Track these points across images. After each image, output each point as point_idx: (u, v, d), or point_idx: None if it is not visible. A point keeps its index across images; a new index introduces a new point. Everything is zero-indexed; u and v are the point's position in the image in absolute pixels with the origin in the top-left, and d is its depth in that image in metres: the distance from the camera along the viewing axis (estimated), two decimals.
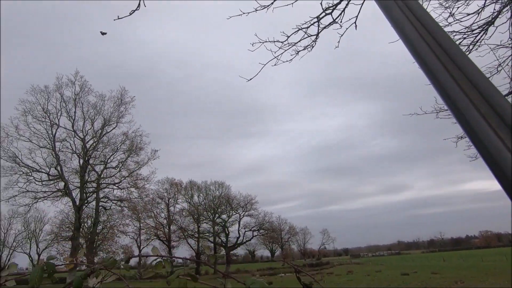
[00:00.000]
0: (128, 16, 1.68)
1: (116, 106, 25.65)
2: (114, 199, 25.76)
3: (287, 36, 2.73)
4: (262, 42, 2.71)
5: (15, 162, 22.15)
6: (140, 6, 1.65)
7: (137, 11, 1.85)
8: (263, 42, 2.72)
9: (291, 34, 2.71)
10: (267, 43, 2.71)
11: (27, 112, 22.94)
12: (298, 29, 2.71)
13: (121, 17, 1.73)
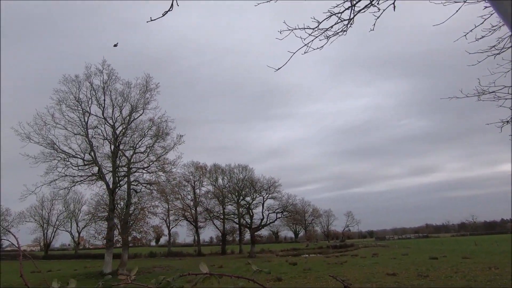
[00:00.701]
0: (161, 17, 1.63)
1: (142, 93, 26.34)
2: (144, 183, 27.01)
3: (318, 22, 2.57)
4: (291, 30, 2.57)
5: (54, 149, 23.71)
6: (173, 6, 1.58)
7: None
8: (292, 30, 2.57)
9: (323, 20, 2.54)
10: (296, 30, 2.57)
11: (61, 101, 24.22)
12: (331, 14, 2.53)
13: (153, 18, 1.68)
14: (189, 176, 54.71)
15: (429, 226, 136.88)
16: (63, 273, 25.91)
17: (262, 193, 46.48)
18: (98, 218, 33.20)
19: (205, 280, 0.79)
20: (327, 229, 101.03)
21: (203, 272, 0.75)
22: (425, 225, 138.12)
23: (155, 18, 1.68)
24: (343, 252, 44.75)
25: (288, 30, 2.57)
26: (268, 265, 26.28)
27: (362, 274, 16.16)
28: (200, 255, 49.29)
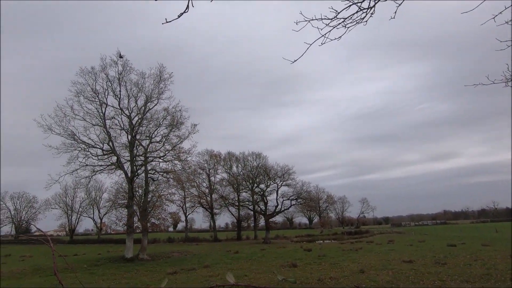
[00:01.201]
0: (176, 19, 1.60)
1: (156, 83, 26.58)
2: (161, 171, 27.66)
3: (337, 12, 2.46)
4: (308, 21, 2.48)
5: (74, 139, 24.53)
6: (188, 8, 1.55)
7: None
8: (309, 21, 2.48)
9: (342, 10, 2.43)
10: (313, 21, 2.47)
11: (79, 93, 24.82)
12: (351, 4, 2.41)
13: (169, 20, 1.65)
14: (204, 164, 55.55)
15: (447, 212, 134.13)
16: (88, 257, 27.32)
17: (276, 180, 46.68)
18: (118, 205, 34.48)
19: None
20: (342, 215, 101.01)
21: (230, 283, 0.77)
22: (443, 212, 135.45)
23: (170, 20, 1.65)
24: (358, 238, 44.73)
25: (305, 21, 2.48)
26: (283, 251, 26.69)
27: (378, 261, 16.15)
28: (216, 241, 50.59)
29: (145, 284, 12.54)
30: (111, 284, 12.85)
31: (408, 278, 10.85)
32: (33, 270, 18.83)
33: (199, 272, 15.50)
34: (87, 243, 54.94)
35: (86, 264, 21.27)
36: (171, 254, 27.21)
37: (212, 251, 29.43)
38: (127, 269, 18.48)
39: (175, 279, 13.40)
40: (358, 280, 10.75)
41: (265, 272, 14.12)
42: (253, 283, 11.21)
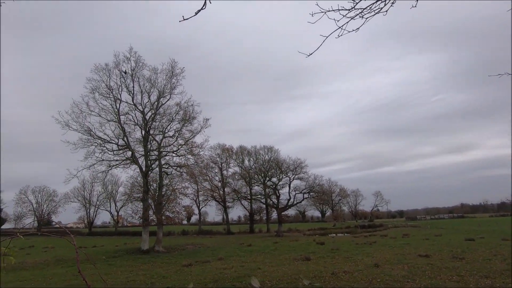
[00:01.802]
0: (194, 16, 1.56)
1: (168, 78, 26.78)
2: (174, 165, 28.06)
3: (355, 2, 2.36)
4: (324, 12, 2.39)
5: (90, 135, 25.15)
6: (206, 5, 1.51)
7: None
8: (325, 12, 2.39)
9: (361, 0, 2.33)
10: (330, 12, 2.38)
11: (94, 89, 25.33)
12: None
13: (186, 17, 1.62)
14: (216, 158, 56.03)
15: (465, 205, 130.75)
16: (106, 249, 28.25)
17: (288, 174, 46.61)
18: (134, 198, 35.33)
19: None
20: (355, 209, 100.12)
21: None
22: (460, 205, 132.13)
23: (187, 18, 1.62)
24: (372, 232, 44.28)
25: (321, 12, 2.39)
26: (295, 244, 26.76)
27: (393, 255, 15.96)
28: (229, 234, 51.23)
29: (161, 275, 12.86)
30: (129, 276, 13.25)
31: (425, 273, 10.67)
32: (56, 261, 19.64)
33: (213, 264, 15.76)
34: (104, 235, 56.82)
35: (104, 256, 22.00)
36: (185, 246, 27.77)
37: (226, 244, 29.83)
38: (143, 261, 19.00)
39: (190, 271, 13.68)
40: (373, 275, 10.66)
41: (279, 265, 14.21)
42: (267, 277, 11.30)
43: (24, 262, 19.05)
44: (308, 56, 2.70)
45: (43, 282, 12.39)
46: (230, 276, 11.52)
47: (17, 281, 12.87)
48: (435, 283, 9.11)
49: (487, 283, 9.06)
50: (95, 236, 55.32)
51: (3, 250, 1.18)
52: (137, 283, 11.36)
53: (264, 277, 11.16)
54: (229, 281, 10.60)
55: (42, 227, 68.46)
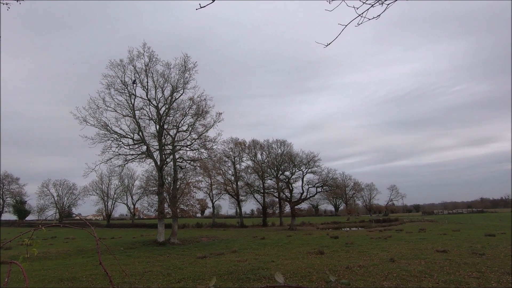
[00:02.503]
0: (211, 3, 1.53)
1: (181, 73, 26.99)
2: (188, 159, 28.44)
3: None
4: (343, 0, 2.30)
5: (107, 130, 25.79)
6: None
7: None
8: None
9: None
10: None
11: (110, 85, 25.86)
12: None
13: (203, 5, 1.59)
14: (229, 152, 56.36)
15: (485, 200, 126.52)
16: (124, 240, 29.14)
17: (302, 167, 46.38)
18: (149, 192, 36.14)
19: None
20: (369, 203, 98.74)
21: (281, 284, 0.72)
22: (480, 199, 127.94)
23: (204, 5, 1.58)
24: (387, 226, 43.65)
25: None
26: (309, 237, 26.73)
27: (409, 250, 15.67)
28: (243, 227, 51.73)
29: (177, 267, 13.16)
30: (146, 267, 13.63)
31: (443, 269, 10.42)
32: (77, 251, 20.45)
33: (227, 256, 15.97)
34: (122, 227, 58.56)
35: (122, 247, 22.71)
36: (200, 239, 28.26)
37: (239, 237, 30.15)
38: (159, 252, 19.49)
39: (205, 263, 13.92)
40: (388, 269, 10.51)
41: (292, 259, 14.24)
42: (281, 270, 11.35)
43: (48, 252, 19.94)
44: (326, 46, 2.61)
45: (65, 271, 12.93)
46: (245, 269, 11.65)
47: (42, 269, 13.49)
48: (454, 279, 8.88)
49: (509, 280, 8.75)
50: (113, 228, 57.12)
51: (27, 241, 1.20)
52: (154, 273, 11.67)
53: (278, 270, 11.21)
54: (243, 274, 10.71)
55: (63, 219, 71.34)
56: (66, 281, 10.73)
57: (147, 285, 9.59)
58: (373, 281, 8.88)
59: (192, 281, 10.03)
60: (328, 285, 1.67)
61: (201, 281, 9.98)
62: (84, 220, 1.67)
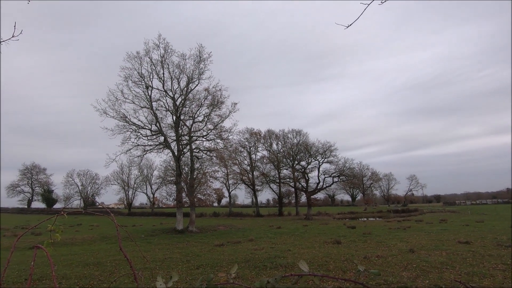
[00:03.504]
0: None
1: (196, 63, 27.03)
2: (204, 150, 28.78)
3: None
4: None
5: (126, 121, 26.43)
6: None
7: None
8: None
9: None
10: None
11: (127, 77, 26.32)
12: None
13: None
14: (244, 142, 56.56)
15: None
16: (144, 228, 30.20)
17: (318, 157, 45.92)
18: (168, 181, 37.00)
19: (303, 278, 0.72)
20: (387, 193, 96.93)
21: (306, 273, 0.68)
22: (506, 190, 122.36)
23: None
24: (406, 217, 42.78)
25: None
26: (325, 227, 26.65)
27: (429, 240, 15.31)
28: (259, 216, 52.26)
29: (196, 254, 13.51)
30: (166, 253, 14.08)
31: (465, 260, 10.11)
32: (101, 238, 21.41)
33: (244, 245, 16.22)
34: (142, 215, 60.67)
35: (143, 234, 23.56)
36: (217, 227, 28.84)
37: (255, 226, 30.51)
38: (178, 240, 20.07)
39: (222, 251, 14.21)
40: (408, 260, 10.32)
41: (309, 248, 14.27)
42: (298, 258, 11.39)
43: (74, 238, 21.01)
44: (347, 27, 2.48)
45: (91, 256, 13.59)
46: (261, 257, 11.79)
47: (69, 254, 14.25)
48: (478, 271, 8.61)
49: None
50: (134, 216, 59.28)
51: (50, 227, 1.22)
52: (173, 260, 12.04)
53: (295, 258, 11.27)
54: (260, 262, 10.85)
55: (88, 207, 74.69)
56: (92, 265, 11.27)
57: (167, 271, 9.91)
58: (392, 272, 8.75)
59: (211, 268, 10.27)
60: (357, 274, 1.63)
61: (219, 268, 10.20)
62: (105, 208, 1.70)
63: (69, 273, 9.73)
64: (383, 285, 7.34)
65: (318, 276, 0.70)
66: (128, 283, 7.97)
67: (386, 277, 7.99)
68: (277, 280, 0.66)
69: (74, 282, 8.54)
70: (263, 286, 0.62)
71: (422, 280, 7.84)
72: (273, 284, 0.61)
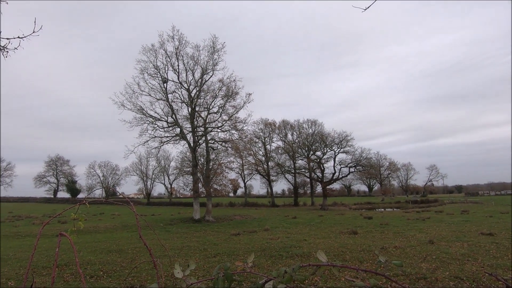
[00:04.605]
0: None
1: (210, 54, 27.02)
2: (219, 141, 29.04)
3: None
4: None
5: (143, 114, 26.98)
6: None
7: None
8: None
9: None
10: None
11: (143, 70, 26.73)
12: None
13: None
14: (259, 133, 56.58)
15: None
16: (163, 217, 31.12)
17: (333, 147, 45.34)
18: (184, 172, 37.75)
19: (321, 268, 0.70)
20: (406, 183, 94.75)
21: (324, 263, 0.67)
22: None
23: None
24: (425, 208, 41.75)
25: None
26: (341, 217, 26.49)
27: (450, 232, 14.91)
28: (274, 206, 52.59)
29: (213, 243, 13.82)
30: (184, 242, 14.49)
31: (488, 252, 9.79)
32: (122, 226, 22.28)
33: (259, 234, 16.41)
34: (161, 205, 62.44)
35: (162, 223, 24.32)
36: (233, 217, 29.29)
37: (271, 216, 30.75)
38: (196, 229, 20.57)
39: (238, 240, 14.45)
40: (427, 251, 10.12)
41: (325, 238, 14.26)
42: (314, 248, 11.42)
43: (98, 226, 21.98)
44: (364, 10, 2.36)
45: (113, 243, 14.19)
46: (277, 246, 11.91)
47: (93, 241, 14.94)
48: (502, 264, 8.32)
49: None
50: (153, 205, 61.12)
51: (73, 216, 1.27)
52: (191, 248, 12.38)
53: (310, 249, 11.31)
54: (276, 251, 10.96)
55: (109, 197, 77.64)
56: (114, 252, 11.78)
57: (186, 259, 10.21)
58: (410, 263, 8.62)
59: (227, 256, 10.49)
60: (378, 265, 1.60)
61: (236, 257, 10.40)
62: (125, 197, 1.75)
63: (93, 259, 10.22)
64: (401, 276, 7.25)
65: (337, 267, 0.68)
66: (148, 269, 8.28)
67: (405, 268, 7.88)
68: (295, 270, 0.65)
69: (99, 267, 8.97)
70: (281, 276, 0.61)
71: (442, 271, 7.68)
72: (290, 274, 0.60)
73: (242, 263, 0.74)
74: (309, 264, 0.65)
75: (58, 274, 8.05)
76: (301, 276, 0.64)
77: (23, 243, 15.47)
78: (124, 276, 7.79)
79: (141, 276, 7.74)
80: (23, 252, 12.23)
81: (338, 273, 0.71)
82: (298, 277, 0.63)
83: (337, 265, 0.65)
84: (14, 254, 11.79)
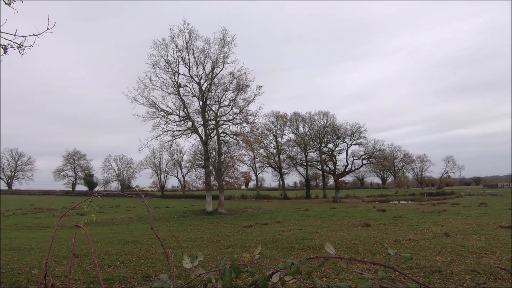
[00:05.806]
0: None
1: (220, 47, 26.94)
2: (231, 134, 29.17)
3: None
4: None
5: (155, 108, 27.33)
6: None
7: None
8: None
9: None
10: None
11: (155, 64, 26.96)
12: None
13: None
14: (270, 126, 56.44)
15: None
16: (176, 209, 31.75)
17: (346, 139, 44.76)
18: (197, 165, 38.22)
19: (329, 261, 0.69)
20: (421, 175, 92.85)
21: (332, 255, 0.66)
22: None
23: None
24: (441, 200, 40.87)
25: None
26: (354, 210, 26.30)
27: (466, 224, 14.56)
28: (286, 199, 52.71)
29: (225, 235, 14.03)
30: (197, 233, 14.77)
31: (507, 246, 9.52)
32: (137, 218, 22.89)
33: (271, 226, 16.52)
34: (174, 197, 63.68)
35: (175, 215, 24.82)
36: (245, 209, 29.57)
37: (283, 208, 30.85)
38: (208, 221, 20.91)
39: (250, 232, 14.60)
40: (442, 244, 9.93)
41: (337, 230, 14.21)
42: (326, 241, 11.41)
43: (114, 218, 22.65)
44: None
45: (129, 235, 14.62)
46: (289, 238, 11.96)
47: (110, 233, 15.44)
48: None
49: None
50: (167, 198, 62.39)
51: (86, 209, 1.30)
52: (204, 240, 12.61)
53: (322, 241, 11.30)
54: (288, 243, 11.02)
55: (125, 190, 79.70)
56: (130, 243, 12.14)
57: (199, 250, 10.41)
58: (424, 256, 8.49)
59: (240, 248, 10.63)
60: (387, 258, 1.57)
61: (247, 248, 10.52)
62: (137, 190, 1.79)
63: (111, 250, 10.57)
64: (415, 269, 7.16)
65: (345, 259, 0.67)
66: (162, 260, 8.50)
67: (419, 261, 7.78)
68: (302, 262, 0.64)
69: (116, 258, 9.28)
70: (287, 268, 0.61)
71: (458, 265, 7.53)
72: (297, 266, 0.60)
73: (250, 254, 0.74)
74: (316, 256, 0.64)
75: (77, 263, 8.38)
76: (308, 268, 0.64)
77: (45, 234, 16.16)
78: (140, 266, 8.04)
79: (156, 266, 7.96)
80: (45, 243, 12.77)
81: (347, 265, 0.70)
82: (305, 269, 0.63)
83: (344, 257, 0.64)
84: (36, 244, 12.34)
